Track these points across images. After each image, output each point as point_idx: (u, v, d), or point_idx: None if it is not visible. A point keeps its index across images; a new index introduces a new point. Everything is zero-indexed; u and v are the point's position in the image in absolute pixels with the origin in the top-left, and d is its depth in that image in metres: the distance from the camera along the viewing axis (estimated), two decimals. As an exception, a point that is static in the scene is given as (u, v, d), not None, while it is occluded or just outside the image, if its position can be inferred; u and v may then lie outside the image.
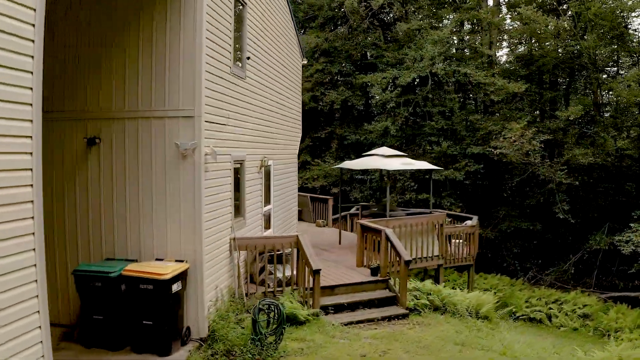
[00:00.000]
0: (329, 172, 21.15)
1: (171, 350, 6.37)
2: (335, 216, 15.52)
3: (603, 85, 19.24)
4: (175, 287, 6.37)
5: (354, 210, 15.22)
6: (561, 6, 20.00)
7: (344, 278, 9.17)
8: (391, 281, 9.08)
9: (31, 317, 3.83)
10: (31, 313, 3.83)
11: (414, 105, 20.58)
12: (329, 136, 22.91)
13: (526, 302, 15.73)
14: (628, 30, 18.65)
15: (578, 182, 17.72)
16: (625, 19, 18.43)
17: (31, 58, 3.80)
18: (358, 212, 14.10)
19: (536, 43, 21.83)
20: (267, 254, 8.16)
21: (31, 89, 3.82)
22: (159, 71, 6.65)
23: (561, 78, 22.13)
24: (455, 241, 12.82)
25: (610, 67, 20.76)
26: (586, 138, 19.14)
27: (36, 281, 3.89)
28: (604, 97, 20.41)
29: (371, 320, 8.20)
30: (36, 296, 3.89)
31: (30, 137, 3.83)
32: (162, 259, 6.76)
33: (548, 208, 18.68)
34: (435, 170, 12.47)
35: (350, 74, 22.89)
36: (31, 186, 3.85)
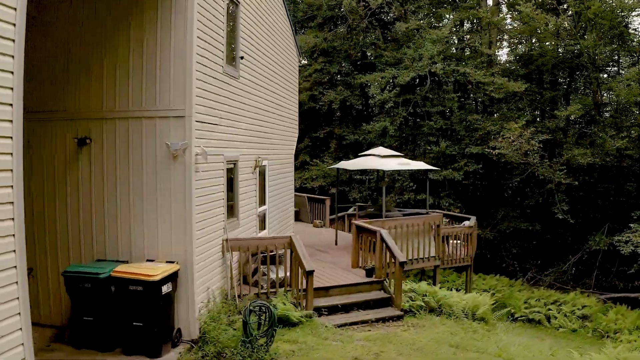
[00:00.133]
0: (328, 173, 21.08)
1: (161, 351, 6.33)
2: (332, 217, 15.47)
3: (603, 85, 19.13)
4: (165, 289, 6.32)
5: (352, 210, 15.15)
6: (561, 5, 19.89)
7: (339, 279, 9.11)
8: (386, 282, 9.01)
9: (12, 319, 3.79)
10: (12, 315, 3.79)
11: (413, 105, 20.49)
12: (328, 136, 22.84)
13: (525, 303, 15.64)
14: (628, 29, 18.53)
15: (577, 182, 17.62)
16: (625, 19, 18.32)
17: (12, 58, 3.74)
18: (355, 213, 14.03)
19: (536, 43, 21.74)
20: (261, 255, 8.11)
21: (12, 89, 3.77)
22: (150, 71, 6.61)
23: (561, 78, 22.00)
24: (453, 242, 12.74)
25: (610, 67, 20.65)
26: (586, 138, 19.03)
27: (17, 283, 3.83)
28: (604, 97, 20.29)
29: (365, 321, 8.13)
30: (17, 298, 3.84)
31: (10, 138, 3.77)
32: (153, 260, 6.71)
33: (547, 208, 18.58)
34: (431, 170, 12.39)
35: (349, 74, 22.81)
36: (11, 187, 3.79)
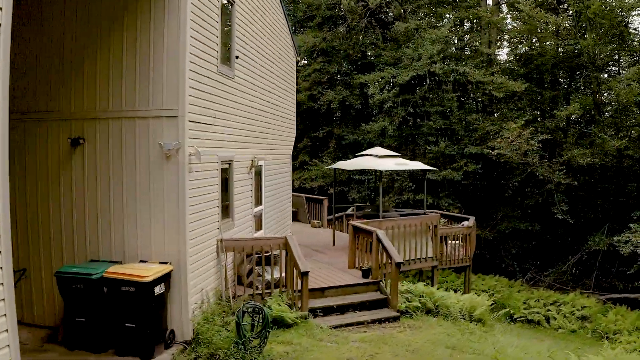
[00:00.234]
0: (327, 173, 21.03)
1: (154, 353, 6.29)
2: (330, 217, 15.42)
3: (603, 84, 19.04)
4: (157, 290, 6.28)
5: (350, 211, 15.11)
6: (561, 5, 19.80)
7: (335, 280, 9.06)
8: (382, 283, 8.95)
9: (-3, 321, 3.76)
10: (-3, 317, 3.76)
11: (412, 105, 20.42)
12: (327, 136, 22.78)
13: (524, 304, 15.58)
14: (628, 29, 18.45)
15: (577, 183, 17.54)
16: (625, 18, 18.23)
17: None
18: (354, 213, 13.98)
19: (536, 42, 21.65)
20: (256, 256, 8.06)
21: (-4, 89, 3.73)
22: (143, 71, 6.58)
23: (561, 78, 21.93)
24: (451, 242, 12.68)
25: (610, 67, 20.56)
26: (585, 138, 18.95)
27: (2, 284, 3.79)
28: (605, 97, 20.20)
29: (361, 323, 8.07)
30: (2, 299, 3.80)
31: (-5, 138, 3.74)
32: (146, 261, 6.67)
33: (547, 208, 18.50)
34: (429, 170, 12.33)
35: (348, 74, 22.75)
36: (-4, 187, 3.76)
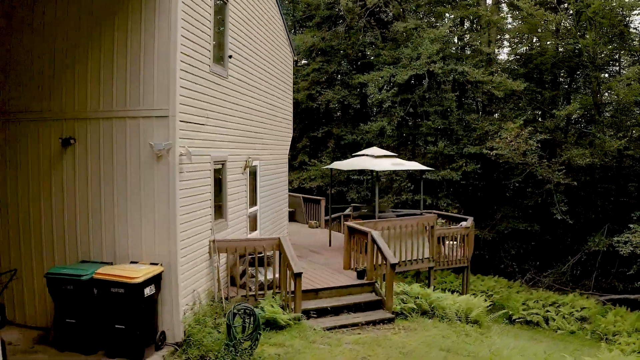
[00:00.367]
0: (326, 173, 20.95)
1: (144, 355, 6.24)
2: (328, 217, 15.34)
3: (603, 84, 18.91)
4: (148, 291, 6.23)
5: (348, 211, 15.03)
6: (562, 5, 19.68)
7: (330, 281, 9.00)
8: (377, 284, 8.89)
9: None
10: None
11: (411, 105, 20.33)
12: (326, 136, 22.71)
13: (523, 305, 15.49)
14: (628, 28, 18.32)
15: (576, 183, 17.43)
16: (625, 18, 18.11)
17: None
18: (351, 214, 13.91)
19: (537, 42, 21.53)
20: (249, 257, 8.01)
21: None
22: (134, 72, 6.53)
23: (561, 77, 21.82)
24: (449, 243, 12.60)
25: (611, 67, 20.43)
26: (585, 138, 18.83)
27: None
28: (605, 97, 20.08)
29: (355, 324, 8.01)
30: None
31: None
32: (137, 262, 6.62)
33: (546, 209, 18.40)
34: (425, 170, 12.26)
35: (347, 73, 22.67)
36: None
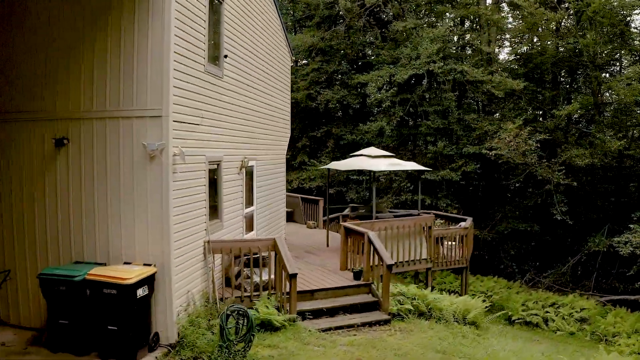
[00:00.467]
0: (325, 173, 20.89)
1: (136, 356, 6.21)
2: (325, 218, 15.29)
3: (603, 84, 18.81)
4: (140, 292, 6.19)
5: (347, 211, 14.96)
6: (562, 4, 19.57)
7: (326, 282, 8.95)
8: (374, 285, 8.84)
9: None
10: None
11: (411, 104, 20.26)
12: (326, 136, 22.66)
13: (523, 306, 15.41)
14: (629, 28, 18.21)
15: (576, 183, 17.35)
16: (626, 17, 18.00)
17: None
18: (349, 214, 13.84)
19: (537, 42, 21.43)
20: (244, 258, 7.97)
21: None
22: (127, 72, 6.49)
23: (562, 77, 21.72)
24: (447, 243, 12.52)
25: (611, 67, 20.33)
26: (585, 138, 18.74)
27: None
28: (606, 97, 19.98)
29: (351, 326, 7.96)
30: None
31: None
32: (130, 263, 6.59)
33: (546, 209, 18.32)
34: (423, 170, 12.20)
35: (346, 73, 22.62)
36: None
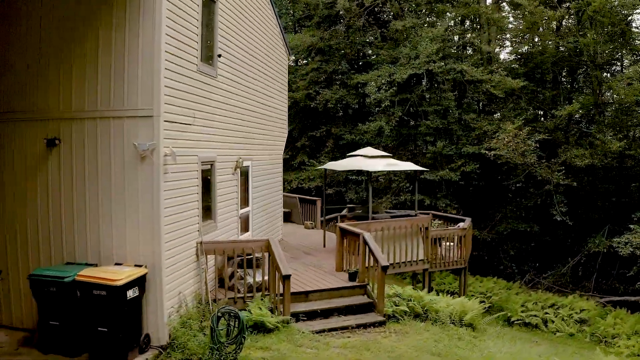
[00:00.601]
0: (326, 173, 20.81)
1: (127, 358, 6.17)
2: (327, 217, 15.22)
3: (603, 83, 18.68)
4: (131, 293, 6.15)
5: (345, 212, 14.89)
6: (563, 4, 19.45)
7: (320, 283, 8.89)
8: (369, 287, 8.77)
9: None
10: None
11: (410, 104, 20.17)
12: (326, 135, 22.59)
13: (522, 307, 15.33)
14: (630, 27, 18.08)
15: (576, 184, 17.24)
16: (627, 16, 17.88)
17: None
18: (346, 214, 13.77)
19: (538, 41, 21.30)
20: (237, 259, 7.91)
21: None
22: (118, 71, 6.45)
23: (563, 77, 21.59)
24: (446, 244, 12.45)
25: (612, 66, 20.19)
26: (585, 138, 18.63)
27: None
28: (607, 96, 19.84)
29: (345, 327, 7.89)
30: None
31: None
32: (122, 264, 6.55)
33: (546, 210, 18.23)
34: (420, 170, 12.13)
35: (345, 73, 22.55)
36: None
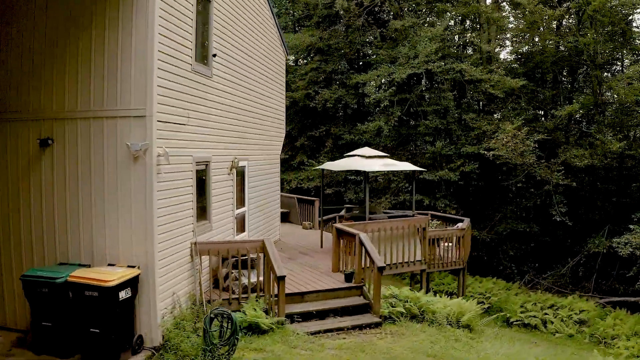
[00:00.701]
0: (325, 173, 20.79)
1: (119, 359, 6.12)
2: (325, 217, 15.16)
3: (603, 83, 18.59)
4: (123, 294, 6.11)
5: (343, 212, 14.85)
6: (563, 4, 19.36)
7: (317, 284, 8.84)
8: (365, 288, 8.72)
9: None
10: None
11: (409, 104, 20.10)
12: (325, 135, 22.55)
13: (521, 307, 15.26)
14: (630, 27, 17.98)
15: (576, 184, 17.16)
16: (627, 16, 17.78)
17: None
18: (344, 215, 13.74)
19: (537, 40, 21.21)
20: (232, 259, 7.87)
21: None
22: (111, 71, 6.42)
23: (563, 77, 21.50)
24: (444, 244, 12.39)
25: (613, 66, 20.10)
26: (585, 138, 18.54)
27: None
28: (607, 96, 19.74)
29: (341, 329, 7.85)
30: None
31: None
32: (114, 264, 6.52)
33: (545, 210, 18.15)
34: (418, 170, 12.07)
35: (344, 72, 22.49)
36: None
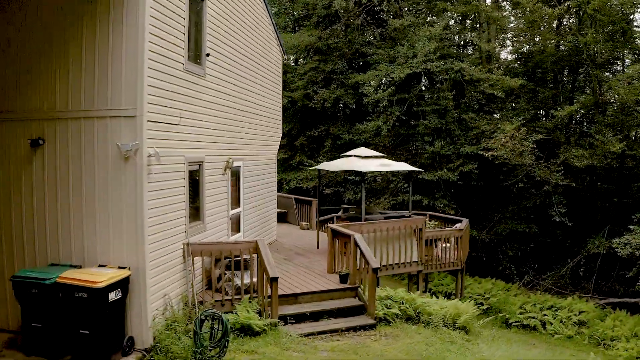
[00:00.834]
0: (324, 173, 20.73)
1: (109, 361, 6.08)
2: (323, 218, 15.12)
3: (604, 83, 18.47)
4: (113, 296, 6.06)
5: (340, 213, 14.78)
6: (564, 3, 19.24)
7: (311, 285, 8.78)
8: (360, 289, 8.66)
9: None
10: None
11: (408, 104, 20.02)
12: (324, 135, 22.48)
13: (520, 308, 15.18)
14: (630, 27, 17.85)
15: (575, 184, 17.06)
16: (627, 15, 17.66)
17: None
18: (341, 215, 13.66)
19: (537, 39, 21.10)
20: (225, 260, 7.81)
21: None
22: (102, 70, 6.38)
23: (564, 77, 21.38)
24: (442, 245, 12.31)
25: (613, 65, 19.98)
26: (585, 138, 18.43)
27: None
28: (607, 96, 19.61)
29: (335, 331, 7.78)
30: None
31: None
32: (105, 265, 6.47)
33: (545, 210, 18.05)
34: (415, 171, 12.00)
35: (343, 72, 22.42)
36: None
